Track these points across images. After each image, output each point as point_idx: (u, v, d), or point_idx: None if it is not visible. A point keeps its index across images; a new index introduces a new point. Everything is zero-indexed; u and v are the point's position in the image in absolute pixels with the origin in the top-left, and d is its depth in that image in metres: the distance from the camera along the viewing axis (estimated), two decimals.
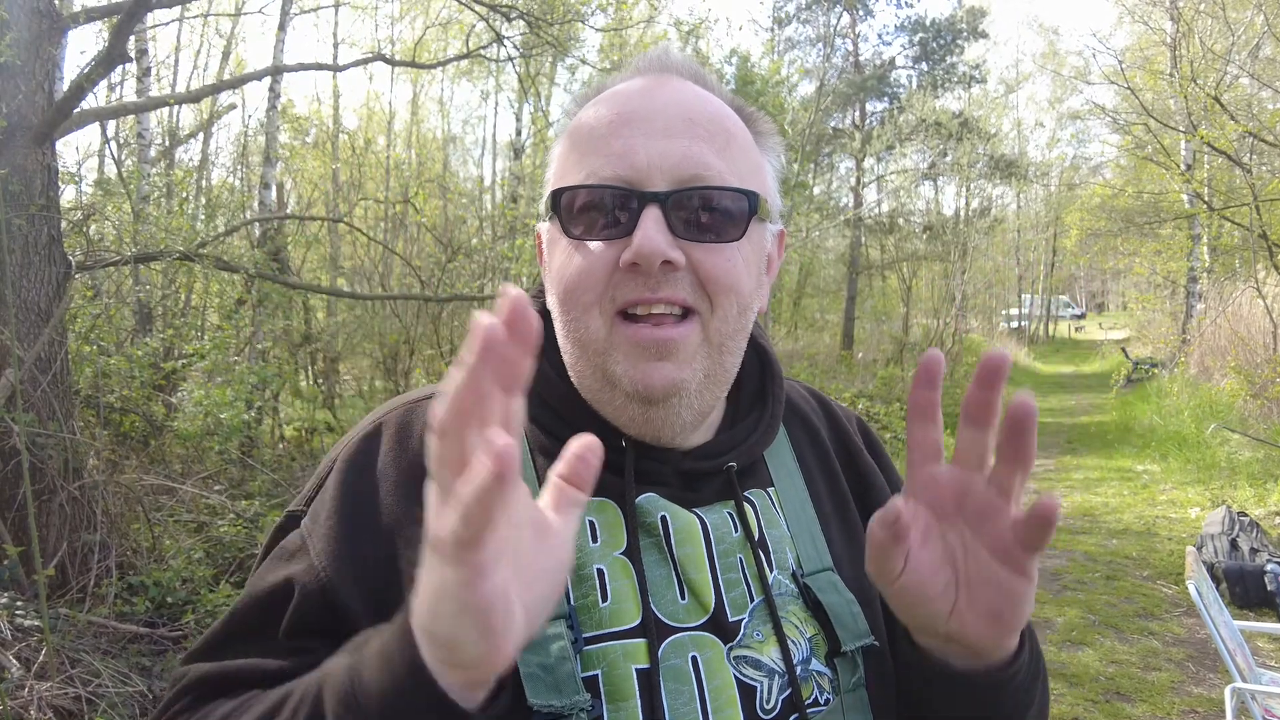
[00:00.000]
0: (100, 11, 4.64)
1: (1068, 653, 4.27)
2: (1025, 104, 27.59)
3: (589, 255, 0.72)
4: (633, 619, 0.69)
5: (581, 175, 0.72)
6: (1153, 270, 16.53)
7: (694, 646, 0.70)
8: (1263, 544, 5.32)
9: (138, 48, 7.80)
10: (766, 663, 0.73)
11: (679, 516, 0.74)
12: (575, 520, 0.52)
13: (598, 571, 0.70)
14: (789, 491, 0.85)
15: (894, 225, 17.54)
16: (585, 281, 0.71)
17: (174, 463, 5.12)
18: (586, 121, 0.75)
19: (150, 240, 5.17)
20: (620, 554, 0.71)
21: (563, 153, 0.78)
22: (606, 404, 0.75)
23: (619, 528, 0.72)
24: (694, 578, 0.73)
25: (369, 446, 0.77)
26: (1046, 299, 31.78)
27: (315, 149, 13.05)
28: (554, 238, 0.76)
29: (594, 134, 0.73)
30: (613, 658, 0.67)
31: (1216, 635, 2.85)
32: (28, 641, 2.98)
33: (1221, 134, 9.13)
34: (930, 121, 15.52)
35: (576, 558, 0.68)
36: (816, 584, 0.79)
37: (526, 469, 0.69)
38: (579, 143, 0.75)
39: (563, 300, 0.73)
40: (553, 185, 0.77)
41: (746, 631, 0.74)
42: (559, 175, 0.77)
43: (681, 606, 0.71)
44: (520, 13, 6.24)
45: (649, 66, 0.79)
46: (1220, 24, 10.48)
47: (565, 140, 0.78)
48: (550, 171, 0.80)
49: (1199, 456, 8.52)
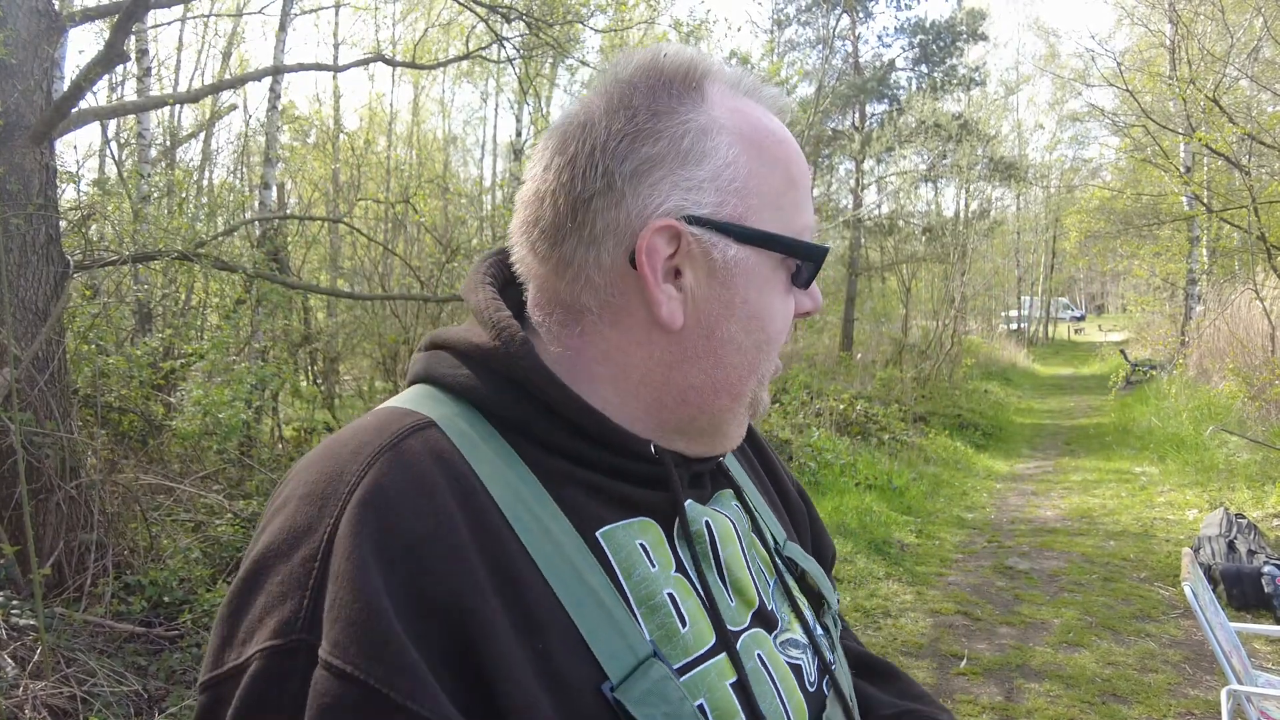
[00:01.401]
0: (99, 11, 4.65)
1: (1064, 654, 4.27)
2: (1025, 106, 27.62)
3: (791, 304, 0.73)
4: (709, 637, 0.67)
5: (803, 224, 0.72)
6: (1152, 272, 16.54)
7: (755, 644, 0.71)
8: (1260, 546, 5.32)
9: (138, 47, 7.81)
10: (799, 640, 0.77)
11: (715, 518, 0.74)
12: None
13: (669, 596, 0.66)
14: (738, 468, 0.89)
15: (893, 227, 17.53)
16: (787, 328, 0.74)
17: (172, 462, 5.12)
18: (795, 163, 0.72)
19: (149, 240, 5.17)
20: (675, 572, 0.68)
21: (781, 185, 0.70)
22: (725, 421, 0.75)
23: (664, 544, 0.69)
24: (739, 577, 0.73)
25: (379, 517, 0.56)
26: (1046, 301, 31.79)
27: (316, 149, 13.05)
28: (759, 271, 0.69)
29: (803, 182, 0.73)
30: (710, 680, 0.65)
31: (1212, 637, 2.85)
32: (23, 640, 2.98)
33: (1220, 136, 9.13)
34: (930, 123, 15.52)
35: (644, 588, 0.64)
36: (792, 554, 0.85)
37: (547, 506, 0.63)
38: (796, 184, 0.72)
39: (771, 341, 0.72)
40: (778, 219, 0.70)
41: (779, 616, 0.76)
42: (778, 205, 0.70)
43: (733, 609, 0.71)
44: (520, 14, 6.25)
45: (769, 102, 0.75)
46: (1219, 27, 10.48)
47: (780, 170, 0.71)
48: (740, 179, 0.68)
49: (1197, 458, 8.53)
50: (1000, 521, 7.26)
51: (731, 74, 0.73)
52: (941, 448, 10.28)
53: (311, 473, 0.61)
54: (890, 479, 7.98)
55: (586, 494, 0.66)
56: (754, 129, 0.70)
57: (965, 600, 5.13)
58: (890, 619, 4.82)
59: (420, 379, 0.71)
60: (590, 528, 0.64)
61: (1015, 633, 4.60)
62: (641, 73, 0.69)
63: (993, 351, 20.63)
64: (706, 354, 0.69)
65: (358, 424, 0.65)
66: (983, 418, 12.78)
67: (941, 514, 7.46)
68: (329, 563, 0.55)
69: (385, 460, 0.59)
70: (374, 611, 0.52)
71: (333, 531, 0.56)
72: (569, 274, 0.69)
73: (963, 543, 6.54)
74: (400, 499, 0.57)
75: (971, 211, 19.29)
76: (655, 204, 0.66)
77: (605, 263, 0.68)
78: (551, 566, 0.60)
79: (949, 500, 8.04)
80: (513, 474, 0.63)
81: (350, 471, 0.59)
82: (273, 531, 0.58)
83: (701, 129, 0.68)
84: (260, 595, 0.56)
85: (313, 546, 0.56)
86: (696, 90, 0.69)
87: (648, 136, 0.67)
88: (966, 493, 8.42)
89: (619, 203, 0.66)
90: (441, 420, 0.65)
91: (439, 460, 0.61)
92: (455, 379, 0.68)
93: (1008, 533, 6.83)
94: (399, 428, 0.62)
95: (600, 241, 0.67)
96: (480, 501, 0.60)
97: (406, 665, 0.52)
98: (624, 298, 0.68)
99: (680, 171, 0.67)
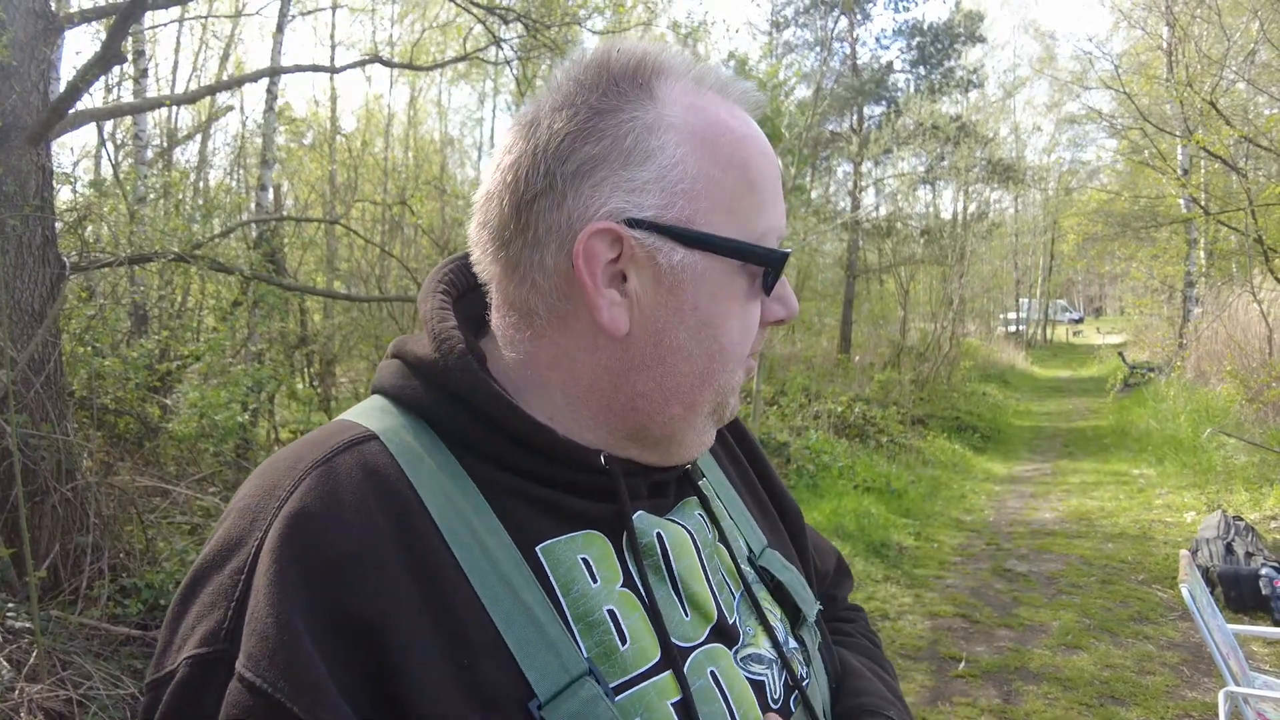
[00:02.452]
0: (96, 12, 4.64)
1: (1063, 656, 4.27)
2: (1023, 108, 27.60)
3: (754, 311, 0.69)
4: (653, 653, 0.64)
5: (764, 228, 0.68)
6: (1150, 275, 16.57)
7: (709, 661, 0.68)
8: (1258, 548, 5.32)
9: (135, 49, 7.80)
10: (764, 655, 0.74)
11: (669, 530, 0.71)
12: None
13: (609, 613, 0.64)
14: (714, 474, 0.86)
15: (892, 229, 17.55)
16: (750, 337, 0.70)
17: (168, 464, 5.10)
18: (754, 164, 0.67)
19: (146, 241, 5.16)
20: (622, 586, 0.66)
21: (737, 187, 0.66)
22: (680, 430, 0.71)
23: (611, 558, 0.67)
24: (694, 590, 0.70)
25: (302, 533, 0.57)
26: (1044, 303, 31.82)
27: (312, 151, 13.04)
28: (710, 276, 0.66)
29: (766, 184, 0.68)
30: (649, 700, 0.63)
31: (1210, 639, 2.85)
32: (19, 644, 2.97)
33: (1218, 139, 9.15)
34: (928, 125, 15.53)
35: (582, 604, 0.63)
36: (769, 563, 0.82)
37: (487, 521, 0.62)
38: (756, 186, 0.67)
39: (725, 350, 0.68)
40: (732, 223, 0.66)
41: (742, 630, 0.73)
42: (733, 208, 0.66)
43: (687, 623, 0.69)
44: (518, 15, 6.25)
45: (738, 97, 0.71)
46: (1216, 30, 10.51)
47: (736, 171, 0.66)
48: (688, 180, 0.65)
49: (1195, 461, 8.53)
50: (999, 524, 7.26)
51: (696, 70, 0.69)
52: (940, 450, 10.28)
53: (252, 486, 0.62)
54: (889, 481, 7.98)
55: (531, 508, 0.65)
56: (708, 127, 0.66)
57: (964, 602, 5.13)
58: (889, 621, 4.81)
59: (375, 389, 0.71)
60: (531, 542, 0.63)
61: (1013, 635, 4.60)
62: (590, 70, 0.66)
63: (991, 354, 20.65)
64: (655, 362, 0.66)
65: (306, 437, 0.66)
66: (981, 420, 12.78)
67: (940, 516, 7.46)
68: (253, 576, 0.56)
69: (315, 475, 0.60)
70: (285, 628, 0.53)
71: (260, 546, 0.57)
72: (517, 277, 0.68)
73: (961, 545, 6.53)
74: (324, 515, 0.57)
75: (970, 214, 19.31)
76: (596, 206, 0.64)
77: (549, 266, 0.65)
78: (485, 582, 0.59)
79: (947, 503, 8.04)
80: (455, 488, 0.63)
81: (283, 486, 0.60)
82: (212, 542, 0.60)
83: (646, 127, 0.64)
84: (195, 604, 0.58)
85: (242, 559, 0.57)
86: (645, 87, 0.66)
87: (589, 135, 0.64)
88: (965, 495, 8.42)
89: (560, 204, 0.64)
90: (386, 433, 0.64)
91: (371, 475, 0.60)
92: (403, 391, 0.68)
93: (1006, 535, 6.83)
94: (336, 442, 0.63)
95: (544, 244, 0.65)
96: (414, 517, 0.60)
97: (312, 682, 0.53)
98: (570, 303, 0.66)
99: (622, 172, 0.64)
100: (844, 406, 10.54)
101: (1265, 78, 10.56)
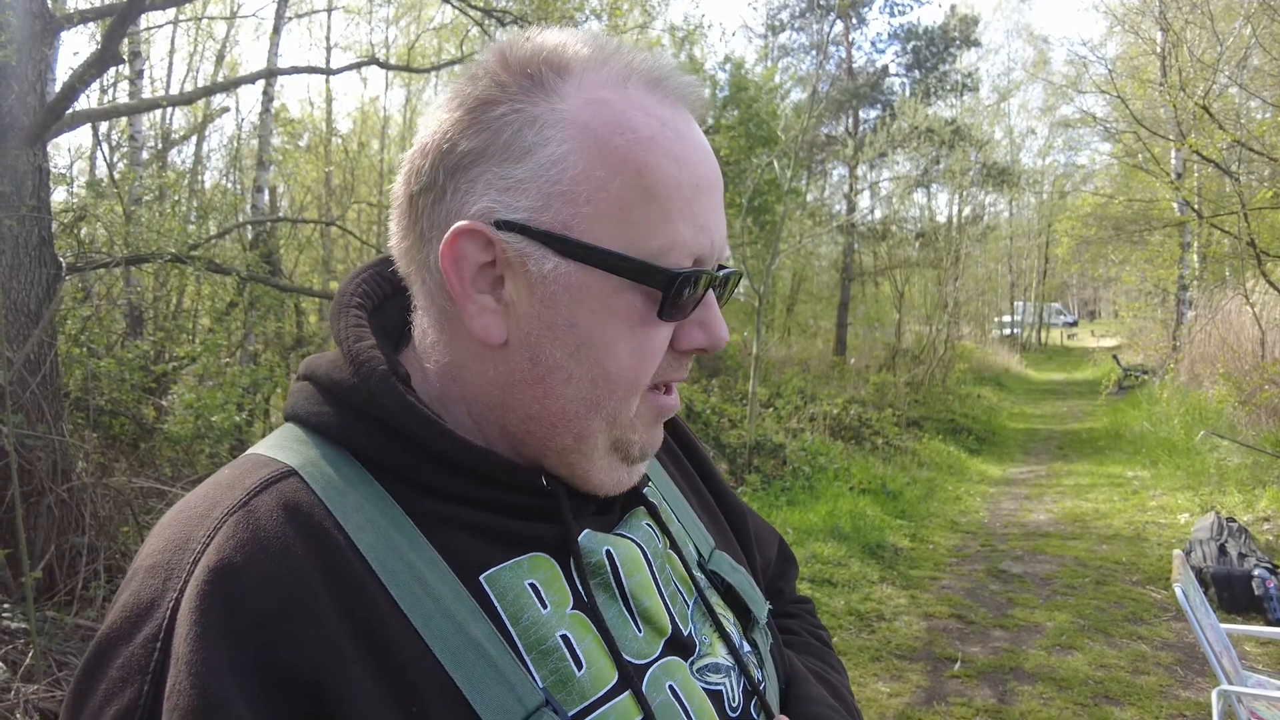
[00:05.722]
0: (94, 13, 4.64)
1: (1057, 657, 4.29)
2: (1018, 112, 27.67)
3: (659, 336, 0.61)
4: (611, 675, 0.61)
5: (664, 244, 0.58)
6: (1143, 278, 16.64)
7: (666, 675, 0.65)
8: (1251, 549, 5.34)
9: (131, 50, 7.79)
10: (721, 663, 0.71)
11: (619, 545, 0.67)
12: None
13: (562, 638, 0.60)
14: (660, 480, 0.82)
15: (887, 232, 17.62)
16: (648, 365, 0.61)
17: (164, 465, 5.09)
18: (656, 169, 0.58)
19: (141, 242, 5.16)
20: (573, 609, 0.61)
21: (629, 194, 0.58)
22: (578, 463, 0.64)
23: (560, 581, 0.62)
24: (647, 605, 0.67)
25: (224, 590, 0.51)
26: (1039, 306, 31.92)
27: (308, 152, 13.04)
28: (590, 291, 0.58)
29: (672, 193, 0.59)
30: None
31: (1203, 638, 2.86)
32: (14, 644, 2.96)
33: (1211, 143, 9.20)
34: (923, 129, 15.59)
35: (532, 633, 0.59)
36: (718, 566, 0.80)
37: (424, 554, 0.57)
38: (654, 194, 0.58)
39: (610, 376, 0.60)
40: (620, 234, 0.58)
41: (698, 639, 0.71)
42: (624, 217, 0.58)
43: (641, 640, 0.65)
44: (514, 17, 6.26)
45: (673, 92, 0.62)
46: (1209, 34, 10.57)
47: (630, 176, 0.58)
48: (567, 180, 0.58)
49: (1188, 463, 8.57)
50: (993, 525, 7.28)
51: (626, 60, 0.61)
52: (935, 452, 10.30)
53: (160, 539, 0.56)
54: (884, 483, 7.99)
55: (469, 535, 0.60)
56: (605, 124, 0.58)
57: (959, 603, 5.15)
58: (884, 622, 4.83)
59: (288, 416, 0.65)
60: (473, 572, 0.59)
61: (1008, 636, 4.62)
62: (487, 62, 0.61)
63: (986, 356, 20.70)
64: (535, 380, 0.60)
65: (214, 478, 0.60)
66: (976, 422, 12.82)
67: (935, 518, 7.48)
68: (171, 644, 0.50)
69: (233, 523, 0.54)
70: (213, 699, 0.48)
71: (175, 608, 0.51)
72: (412, 275, 0.64)
73: (956, 546, 6.55)
74: (248, 567, 0.52)
75: (964, 217, 19.39)
76: (469, 204, 0.59)
77: (432, 265, 0.61)
78: (427, 620, 0.55)
79: (942, 504, 8.06)
80: (386, 521, 0.57)
81: (196, 538, 0.54)
82: (117, 608, 0.54)
83: (529, 121, 0.58)
84: (102, 681, 0.51)
85: (155, 626, 0.51)
86: (536, 78, 0.59)
87: (469, 128, 0.59)
88: (960, 497, 8.44)
89: (440, 200, 0.60)
90: (304, 467, 0.59)
91: (294, 517, 0.55)
92: (319, 419, 0.62)
93: (1001, 536, 6.85)
94: (253, 482, 0.57)
95: (429, 241, 0.61)
96: (343, 558, 0.55)
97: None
98: (454, 306, 0.61)
99: (498, 169, 0.58)
100: (839, 409, 10.56)
101: (1257, 82, 10.63)
